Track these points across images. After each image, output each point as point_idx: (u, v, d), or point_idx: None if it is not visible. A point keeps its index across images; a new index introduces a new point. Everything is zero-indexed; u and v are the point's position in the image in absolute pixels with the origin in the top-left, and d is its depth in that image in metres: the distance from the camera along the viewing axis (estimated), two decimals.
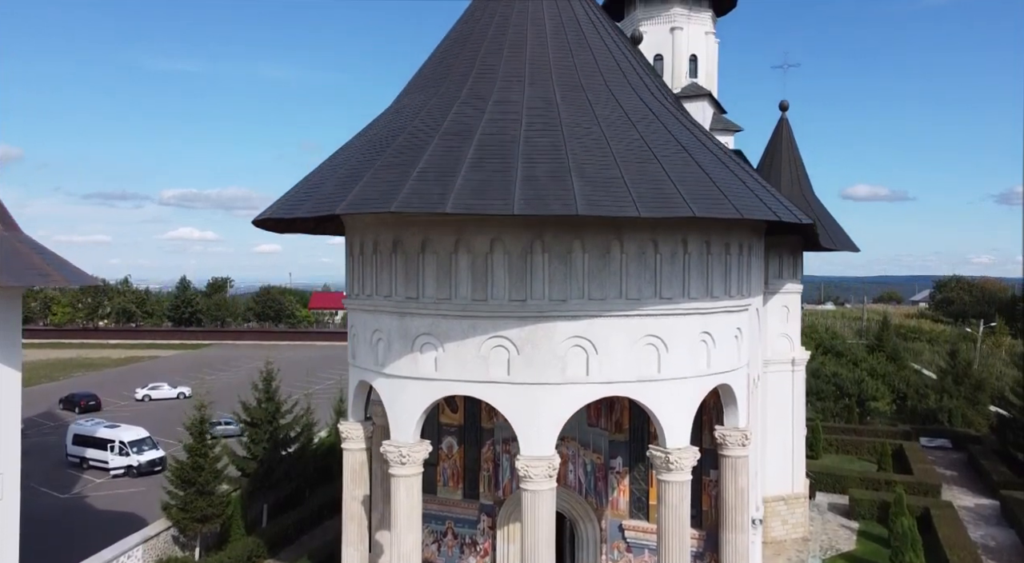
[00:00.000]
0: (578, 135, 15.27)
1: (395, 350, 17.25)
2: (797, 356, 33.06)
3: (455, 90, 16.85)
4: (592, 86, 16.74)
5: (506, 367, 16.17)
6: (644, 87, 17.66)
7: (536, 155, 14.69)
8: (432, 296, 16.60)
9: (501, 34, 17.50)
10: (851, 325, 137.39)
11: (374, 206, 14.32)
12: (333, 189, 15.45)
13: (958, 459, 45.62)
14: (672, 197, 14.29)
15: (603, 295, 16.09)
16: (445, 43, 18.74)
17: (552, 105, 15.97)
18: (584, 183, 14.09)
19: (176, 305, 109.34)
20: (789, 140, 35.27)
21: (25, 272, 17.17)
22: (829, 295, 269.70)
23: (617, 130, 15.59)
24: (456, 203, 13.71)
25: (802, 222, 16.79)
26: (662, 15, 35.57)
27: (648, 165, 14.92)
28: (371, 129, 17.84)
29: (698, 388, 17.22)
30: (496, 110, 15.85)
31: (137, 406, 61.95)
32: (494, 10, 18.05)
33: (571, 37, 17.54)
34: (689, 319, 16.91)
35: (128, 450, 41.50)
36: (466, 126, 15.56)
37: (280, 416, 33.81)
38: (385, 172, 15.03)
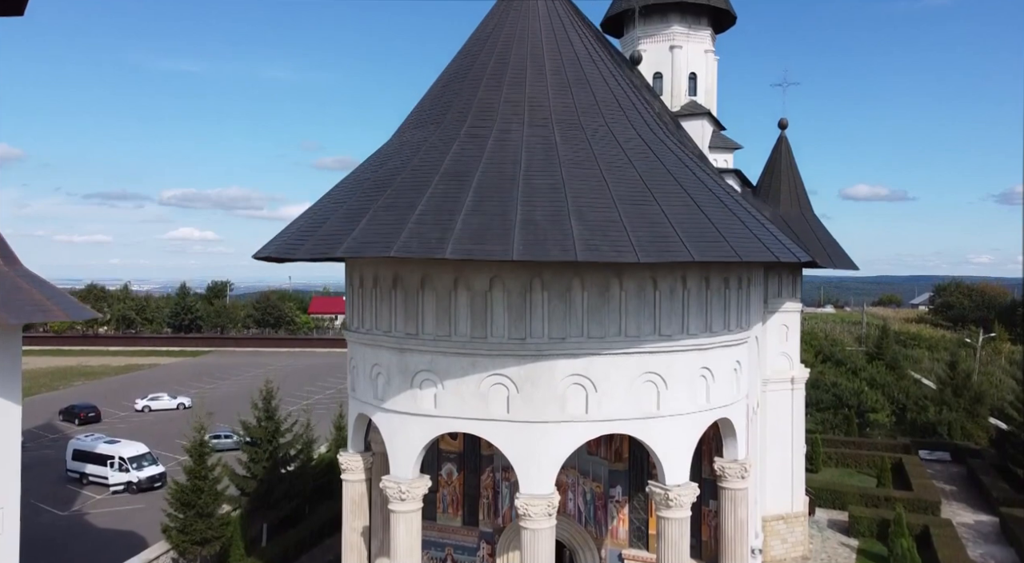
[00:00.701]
0: (577, 175, 15.30)
1: (395, 385, 17.27)
2: (796, 375, 33.07)
3: (455, 127, 16.87)
4: (591, 124, 16.77)
5: (506, 405, 16.20)
6: (643, 122, 17.69)
7: (535, 197, 14.72)
8: (432, 333, 16.63)
9: (501, 71, 17.53)
10: (851, 330, 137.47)
11: (374, 250, 14.35)
12: (334, 229, 15.48)
13: (957, 473, 45.63)
14: (671, 240, 14.32)
15: (602, 333, 16.11)
16: (445, 77, 18.77)
17: (551, 144, 16.00)
18: (583, 227, 14.11)
19: (176, 312, 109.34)
20: (788, 158, 35.31)
21: (26, 308, 17.21)
22: (829, 298, 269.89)
23: (616, 170, 15.62)
24: (455, 249, 13.74)
25: (800, 260, 16.79)
26: (661, 33, 35.62)
27: (647, 207, 14.95)
28: (373, 162, 17.86)
29: (697, 424, 17.25)
30: (495, 149, 15.88)
31: (137, 417, 61.95)
32: (493, 46, 18.08)
33: (570, 74, 17.57)
34: (688, 355, 16.94)
35: (128, 466, 41.49)
36: (465, 166, 15.58)
37: (280, 435, 33.83)
38: (385, 213, 15.06)
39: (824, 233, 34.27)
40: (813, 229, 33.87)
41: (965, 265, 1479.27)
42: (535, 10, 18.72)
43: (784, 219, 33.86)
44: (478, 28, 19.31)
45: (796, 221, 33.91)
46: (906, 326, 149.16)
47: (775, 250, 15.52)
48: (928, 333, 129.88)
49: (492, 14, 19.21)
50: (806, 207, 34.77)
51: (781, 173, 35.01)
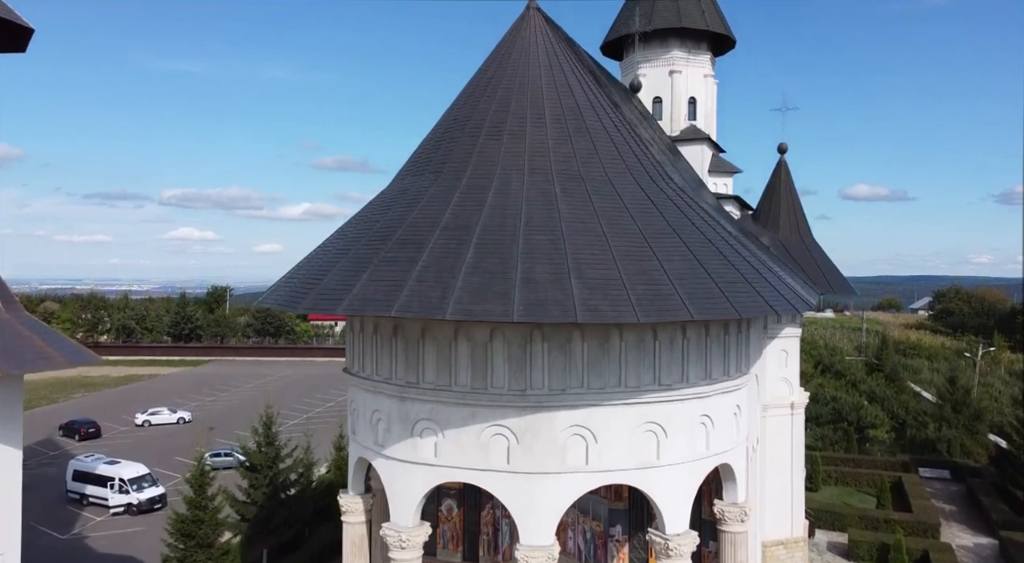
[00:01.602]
0: (577, 230, 15.35)
1: (395, 433, 17.32)
2: (796, 400, 33.13)
3: (455, 178, 16.94)
4: (591, 175, 16.82)
5: (506, 455, 16.24)
6: (642, 170, 17.74)
7: (535, 253, 14.77)
8: (432, 382, 16.68)
9: (501, 120, 17.59)
10: (851, 337, 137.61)
11: (375, 309, 14.41)
12: (335, 282, 15.53)
13: (957, 492, 45.66)
14: (670, 298, 14.37)
15: (602, 384, 16.16)
16: (445, 123, 18.83)
17: (551, 197, 16.06)
18: (583, 286, 14.17)
19: (176, 321, 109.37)
20: (788, 184, 35.41)
21: (27, 357, 17.26)
22: (828, 302, 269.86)
23: (615, 224, 15.68)
24: (456, 309, 13.79)
25: (799, 310, 16.83)
26: (661, 58, 35.72)
27: (646, 262, 15.00)
28: (375, 209, 17.92)
29: (697, 472, 17.30)
30: (495, 203, 15.94)
31: (137, 432, 61.99)
32: (493, 94, 18.14)
33: (570, 123, 17.62)
34: (688, 404, 16.99)
35: (128, 487, 41.52)
36: (465, 220, 15.64)
37: (280, 460, 33.88)
38: (386, 268, 15.12)
39: (823, 259, 34.37)
40: (812, 255, 33.96)
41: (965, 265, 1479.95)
42: (535, 56, 18.78)
43: (783, 244, 33.97)
44: (479, 73, 19.37)
45: (795, 247, 34.01)
46: (905, 333, 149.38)
47: (775, 305, 15.56)
48: (928, 341, 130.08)
49: (493, 59, 19.27)
50: (805, 232, 34.85)
51: (780, 198, 35.13)
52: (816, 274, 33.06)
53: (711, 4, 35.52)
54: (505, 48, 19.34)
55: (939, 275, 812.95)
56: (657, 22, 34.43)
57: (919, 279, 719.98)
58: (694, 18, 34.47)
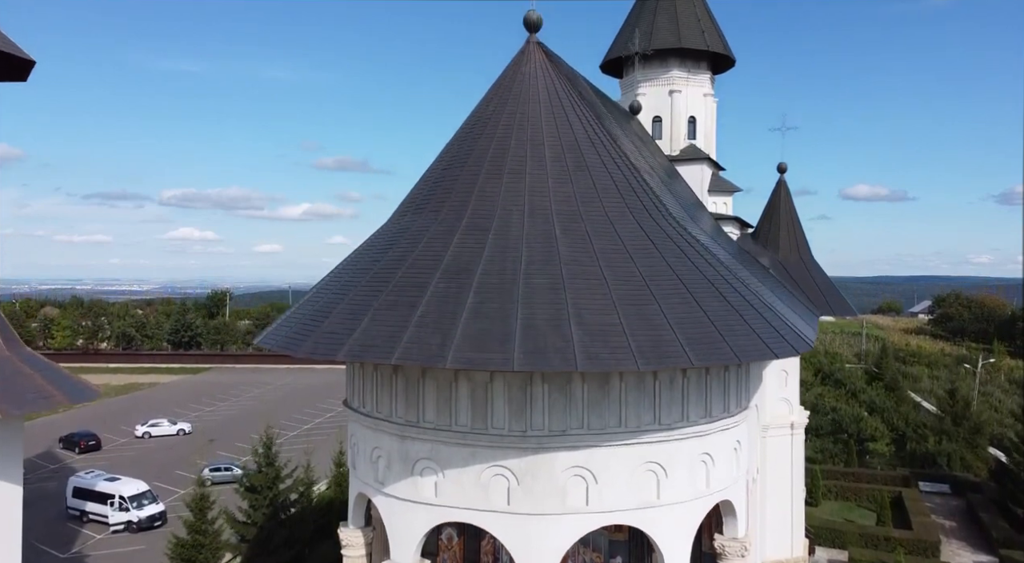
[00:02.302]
0: (577, 273, 15.38)
1: (395, 471, 17.32)
2: (796, 420, 33.17)
3: (455, 217, 16.96)
4: (590, 215, 16.85)
5: (506, 496, 16.25)
6: (642, 208, 17.76)
7: (535, 298, 14.80)
8: (432, 421, 16.69)
9: (501, 157, 17.62)
10: (851, 342, 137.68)
11: (375, 355, 14.44)
12: (336, 325, 15.55)
13: (957, 507, 45.69)
14: (670, 344, 14.39)
15: (603, 425, 16.17)
16: (446, 159, 18.85)
17: (551, 238, 16.08)
18: (583, 332, 14.19)
19: (176, 328, 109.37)
20: (788, 203, 35.44)
21: (28, 397, 17.28)
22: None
23: (615, 266, 15.69)
24: (456, 357, 13.82)
25: (798, 351, 16.84)
26: (661, 78, 35.77)
27: (646, 307, 15.02)
28: (376, 247, 17.93)
29: (698, 510, 17.32)
30: (495, 244, 15.96)
31: (137, 444, 62.01)
32: (493, 131, 18.16)
33: (570, 161, 17.65)
34: (688, 443, 17.00)
35: (128, 505, 41.54)
36: (466, 263, 15.67)
37: (280, 481, 33.90)
38: (386, 313, 15.14)
39: (823, 278, 34.40)
40: (812, 275, 33.99)
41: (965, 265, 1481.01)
42: (535, 92, 18.80)
43: (783, 264, 34.00)
44: (479, 108, 19.39)
45: (795, 267, 34.04)
46: (905, 338, 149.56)
47: (775, 348, 15.58)
48: (927, 348, 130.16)
49: (493, 94, 19.29)
50: (805, 252, 34.88)
51: (780, 218, 35.16)
52: (816, 294, 33.08)
53: (711, 24, 35.56)
54: (505, 83, 19.37)
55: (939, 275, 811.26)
56: (657, 43, 34.47)
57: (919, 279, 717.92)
58: (694, 39, 34.51)
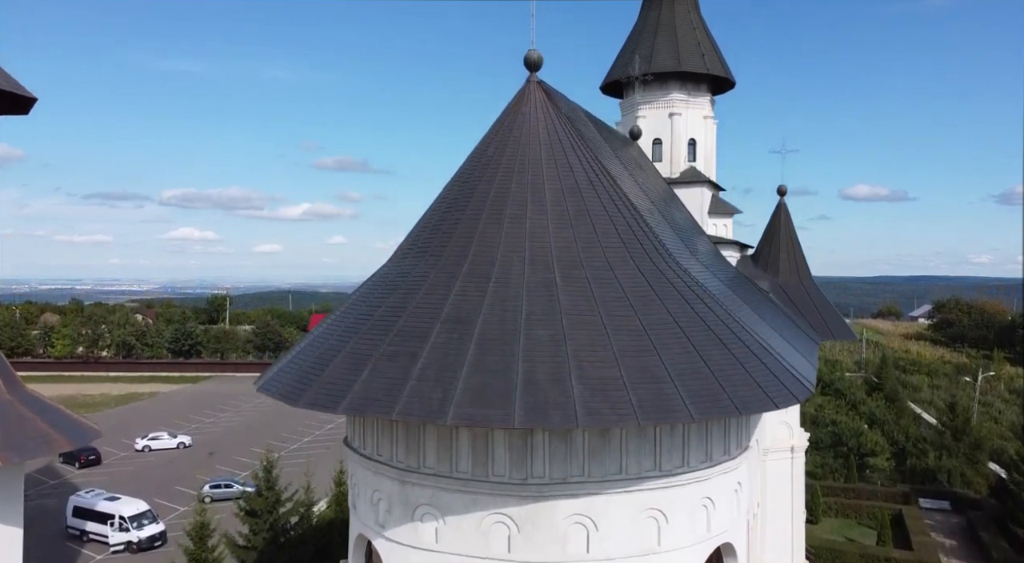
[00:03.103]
0: (577, 324, 15.40)
1: (395, 515, 17.33)
2: (796, 443, 33.19)
3: (456, 264, 16.99)
4: (591, 261, 16.87)
5: (507, 544, 16.25)
6: (642, 252, 17.78)
7: (536, 351, 14.83)
8: (433, 468, 16.70)
9: (501, 202, 17.64)
10: (850, 348, 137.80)
11: (375, 410, 14.47)
12: (336, 375, 15.57)
13: (958, 524, 45.72)
14: (671, 398, 14.42)
15: (603, 472, 16.18)
16: (447, 202, 18.87)
17: (552, 287, 16.10)
18: (584, 388, 14.21)
19: (176, 337, 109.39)
20: (788, 226, 35.48)
21: (29, 443, 17.31)
22: None
23: (616, 316, 15.71)
24: (456, 413, 13.85)
25: (799, 400, 16.85)
26: (661, 100, 35.81)
27: (647, 358, 15.05)
28: (376, 292, 17.94)
29: (699, 554, 17.29)
30: (496, 294, 15.99)
31: (137, 458, 61.99)
32: (494, 175, 18.19)
33: (571, 205, 17.68)
34: (689, 488, 17.00)
35: (128, 525, 41.54)
36: (467, 313, 15.70)
37: (280, 505, 33.95)
38: (386, 364, 15.16)
39: (823, 302, 34.42)
40: (812, 298, 34.02)
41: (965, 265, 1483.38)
42: (535, 134, 18.83)
43: (783, 288, 34.03)
44: (479, 149, 19.40)
45: (795, 290, 34.07)
46: (905, 344, 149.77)
47: (776, 398, 15.59)
48: (927, 355, 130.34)
49: (493, 136, 19.30)
50: (805, 275, 34.91)
51: (780, 240, 35.20)
52: (816, 318, 33.10)
53: (711, 47, 35.60)
54: (506, 124, 19.40)
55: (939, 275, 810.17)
56: (657, 66, 34.51)
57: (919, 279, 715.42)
58: (694, 62, 34.55)
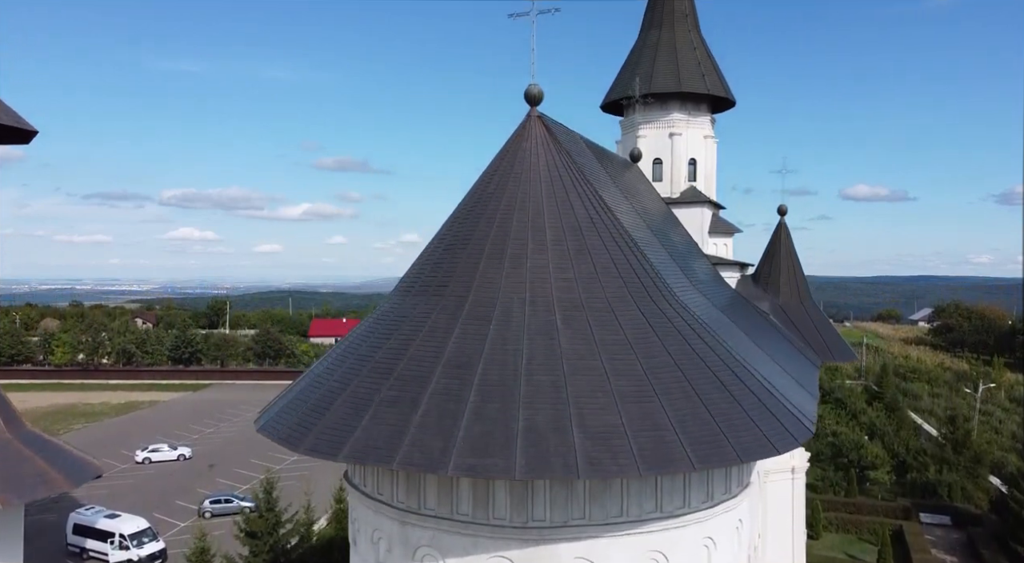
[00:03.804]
0: (578, 369, 15.39)
1: (396, 555, 17.30)
2: (797, 464, 33.18)
3: (456, 305, 16.98)
4: (592, 302, 16.85)
5: None
6: (642, 290, 17.76)
7: (537, 397, 14.82)
8: (433, 509, 16.67)
9: (502, 241, 17.62)
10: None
11: (375, 459, 14.46)
12: (336, 421, 15.56)
13: (958, 540, 45.69)
14: (672, 447, 14.41)
15: (604, 515, 16.16)
16: (448, 237, 18.84)
17: (552, 330, 16.08)
18: (585, 437, 14.20)
19: (176, 345, 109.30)
20: (788, 246, 35.46)
21: (27, 483, 17.27)
22: (830, 312, 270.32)
23: (617, 360, 15.70)
24: (457, 463, 13.85)
25: (800, 442, 16.83)
26: (661, 120, 35.82)
27: (648, 404, 15.04)
28: (377, 331, 17.92)
29: None
30: (497, 337, 15.97)
31: (137, 470, 61.93)
32: (494, 213, 18.17)
33: (571, 244, 17.66)
34: (690, 529, 16.96)
35: (128, 543, 41.50)
36: (467, 357, 15.69)
37: (280, 526, 33.91)
38: (387, 410, 15.15)
39: (823, 323, 34.42)
40: (812, 320, 34.00)
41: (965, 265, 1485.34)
42: (536, 172, 18.81)
43: (783, 309, 34.02)
44: (480, 184, 19.38)
45: (795, 311, 34.05)
46: (905, 349, 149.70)
47: (777, 443, 15.57)
48: (928, 360, 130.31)
49: (494, 172, 19.28)
50: (805, 296, 34.90)
51: (780, 260, 35.19)
52: (816, 339, 33.09)
53: (711, 66, 35.60)
54: (507, 160, 19.38)
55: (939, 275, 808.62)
56: (657, 86, 34.50)
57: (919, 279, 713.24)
58: (694, 82, 34.55)
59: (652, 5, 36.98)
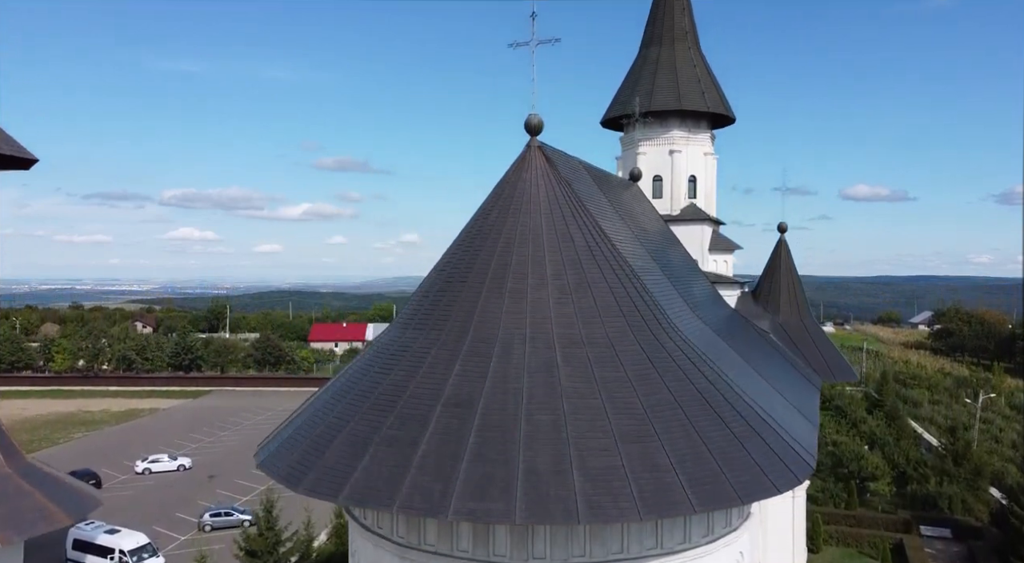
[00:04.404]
0: (578, 407, 15.37)
1: None
2: None
3: (457, 340, 16.95)
4: (592, 338, 16.83)
5: None
6: (642, 324, 17.72)
7: (537, 438, 14.79)
8: (433, 545, 16.63)
9: (502, 275, 17.59)
10: (851, 358, 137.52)
11: (375, 503, 14.43)
12: (336, 459, 15.53)
13: (959, 554, 45.55)
14: (672, 489, 14.38)
15: (605, 552, 16.11)
16: (447, 270, 18.81)
17: (553, 366, 16.06)
18: (585, 479, 14.18)
19: (176, 352, 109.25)
20: (788, 264, 35.44)
21: (27, 519, 17.25)
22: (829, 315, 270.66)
23: (617, 398, 15.68)
24: (457, 508, 13.83)
25: (800, 480, 16.80)
26: (661, 137, 35.81)
27: (649, 443, 15.01)
28: (377, 364, 17.89)
29: None
30: (497, 374, 15.95)
31: (137, 481, 61.82)
32: (494, 246, 18.15)
33: (571, 279, 17.64)
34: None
35: (128, 559, 41.41)
36: (468, 395, 15.66)
37: (280, 545, 33.87)
38: (387, 451, 15.12)
39: (823, 341, 34.40)
40: (812, 337, 33.99)
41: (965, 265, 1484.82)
42: (536, 204, 18.79)
43: (783, 327, 33.99)
44: (481, 215, 19.34)
45: (795, 329, 34.03)
46: (906, 353, 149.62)
47: (778, 482, 15.56)
48: (928, 365, 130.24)
49: (494, 203, 19.25)
50: (805, 314, 34.89)
51: (780, 277, 35.17)
52: (816, 358, 33.08)
53: (711, 84, 35.59)
54: (507, 191, 19.35)
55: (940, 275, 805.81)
56: (657, 104, 34.51)
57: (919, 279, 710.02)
58: (694, 100, 34.55)
59: (652, 21, 37.00)
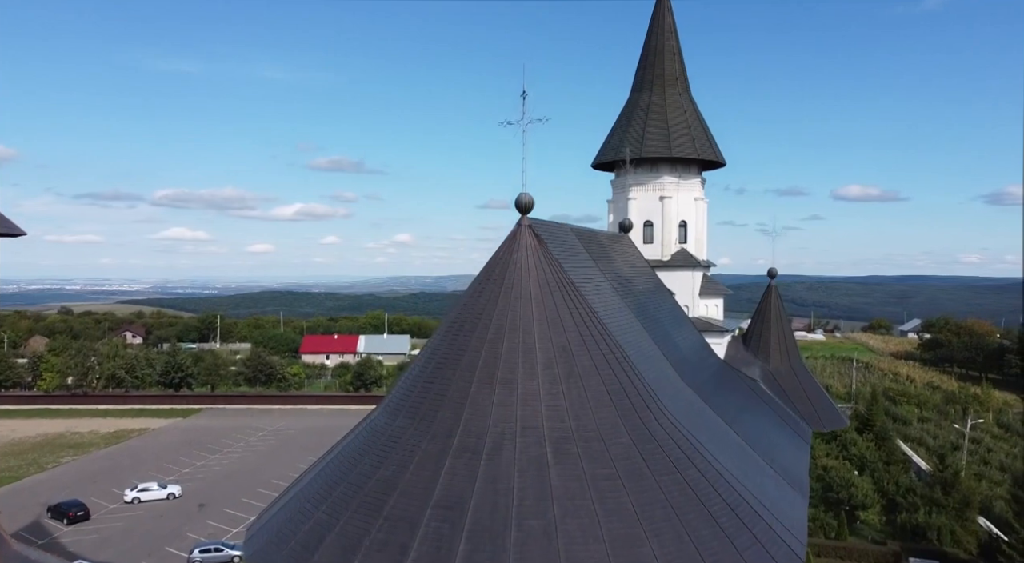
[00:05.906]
0: (569, 511, 15.37)
1: None
2: None
3: (447, 434, 16.89)
4: (582, 431, 16.81)
5: None
6: (632, 411, 17.75)
7: (528, 545, 14.79)
8: None
9: (493, 364, 17.56)
10: (840, 370, 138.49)
11: None
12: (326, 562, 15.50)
13: None
14: None
15: None
16: (439, 353, 18.71)
17: (543, 467, 16.06)
18: None
19: (166, 370, 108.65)
20: (778, 310, 35.57)
21: None
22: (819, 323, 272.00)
23: (608, 499, 15.69)
24: None
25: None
26: (651, 182, 35.92)
27: (640, 549, 15.04)
28: (368, 453, 17.86)
29: None
30: (488, 474, 15.93)
31: (126, 511, 61.39)
32: (484, 332, 18.07)
33: (561, 369, 17.58)
34: None
35: None
36: (458, 497, 15.64)
37: None
38: (376, 556, 15.08)
39: (813, 389, 34.53)
40: (803, 386, 34.11)
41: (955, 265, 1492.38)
42: (527, 286, 18.78)
43: (773, 376, 34.11)
44: (472, 296, 19.31)
45: (785, 377, 34.16)
46: (895, 365, 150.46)
47: None
48: (918, 377, 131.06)
49: (485, 283, 19.20)
50: (795, 361, 35.02)
51: (771, 325, 35.29)
52: (806, 406, 33.21)
53: (701, 130, 35.74)
54: (497, 272, 19.31)
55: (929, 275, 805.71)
56: (648, 151, 34.63)
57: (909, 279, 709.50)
58: (684, 147, 34.68)
59: (643, 66, 37.14)
